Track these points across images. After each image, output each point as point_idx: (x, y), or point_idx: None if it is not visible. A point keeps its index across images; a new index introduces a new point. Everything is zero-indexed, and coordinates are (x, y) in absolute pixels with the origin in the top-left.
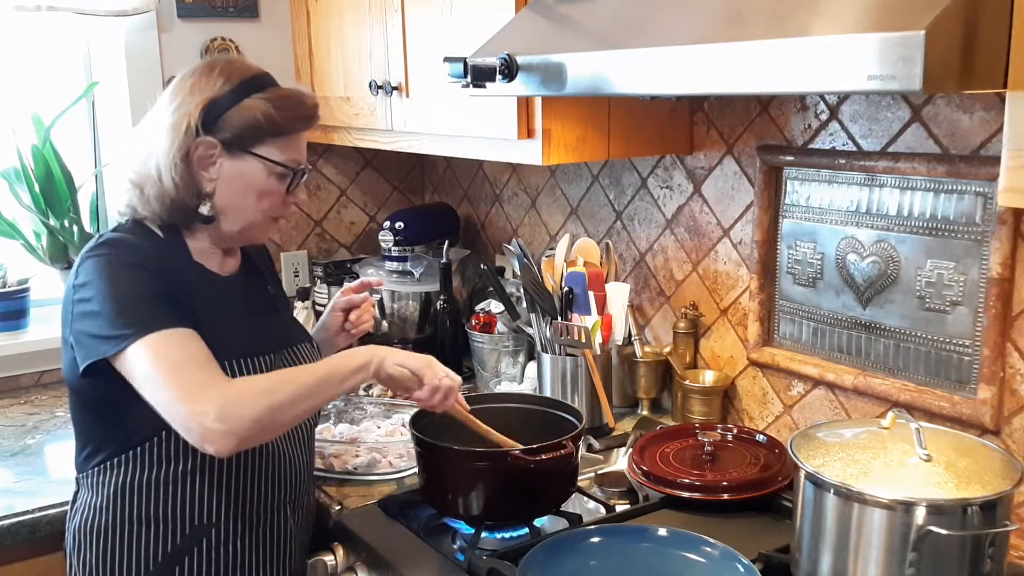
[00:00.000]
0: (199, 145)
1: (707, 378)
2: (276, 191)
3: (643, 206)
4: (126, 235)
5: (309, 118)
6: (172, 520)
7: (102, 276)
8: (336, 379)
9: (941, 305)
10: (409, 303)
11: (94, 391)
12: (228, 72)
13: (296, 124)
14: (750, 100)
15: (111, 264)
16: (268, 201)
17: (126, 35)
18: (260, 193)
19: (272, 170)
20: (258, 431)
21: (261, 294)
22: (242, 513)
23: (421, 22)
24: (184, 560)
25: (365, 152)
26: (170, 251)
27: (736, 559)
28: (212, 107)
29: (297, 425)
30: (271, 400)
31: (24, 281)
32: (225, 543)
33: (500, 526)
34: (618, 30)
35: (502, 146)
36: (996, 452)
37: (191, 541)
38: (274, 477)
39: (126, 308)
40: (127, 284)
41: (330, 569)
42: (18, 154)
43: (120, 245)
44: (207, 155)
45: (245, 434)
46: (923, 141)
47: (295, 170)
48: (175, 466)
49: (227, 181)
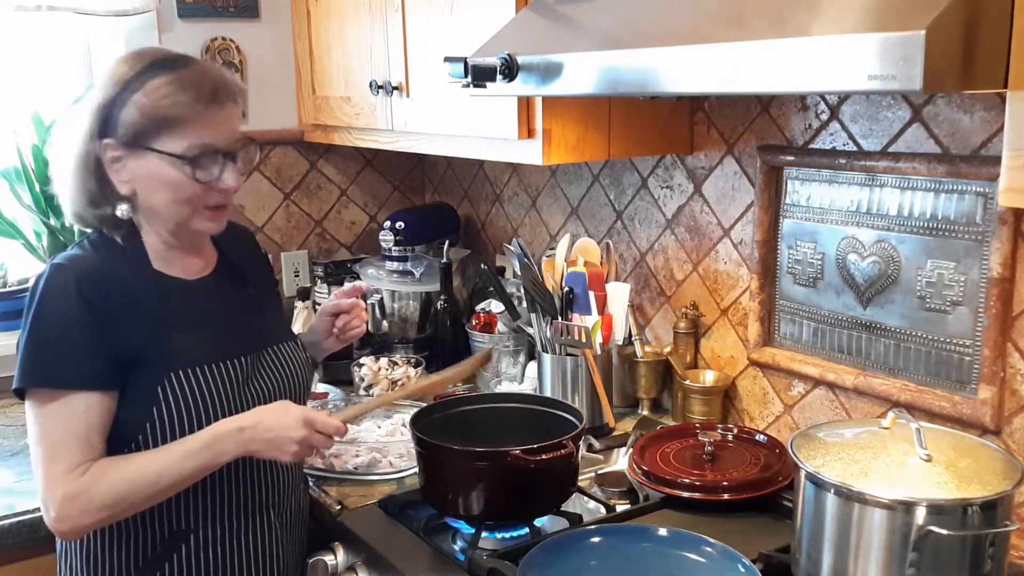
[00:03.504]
0: (105, 148)
1: (707, 378)
2: (186, 182)
3: (643, 206)
4: (87, 252)
5: (208, 95)
6: (151, 526)
7: (34, 307)
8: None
9: (941, 305)
10: (409, 303)
11: None
12: (118, 72)
13: (186, 109)
14: (751, 100)
15: (50, 293)
16: (186, 193)
17: (126, 35)
18: (171, 187)
19: (174, 163)
20: (102, 520)
21: (235, 296)
22: (221, 517)
23: (422, 22)
24: (164, 565)
25: (365, 152)
26: (129, 263)
27: (736, 559)
28: (104, 109)
29: None
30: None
31: (24, 281)
32: (205, 548)
33: (500, 526)
34: (618, 30)
35: (502, 146)
36: (996, 452)
37: (170, 546)
38: (255, 481)
39: (37, 352)
40: (52, 325)
41: (330, 569)
42: (18, 154)
43: (73, 270)
44: (114, 157)
45: (86, 527)
46: (923, 141)
47: (200, 157)
48: None
49: (140, 181)
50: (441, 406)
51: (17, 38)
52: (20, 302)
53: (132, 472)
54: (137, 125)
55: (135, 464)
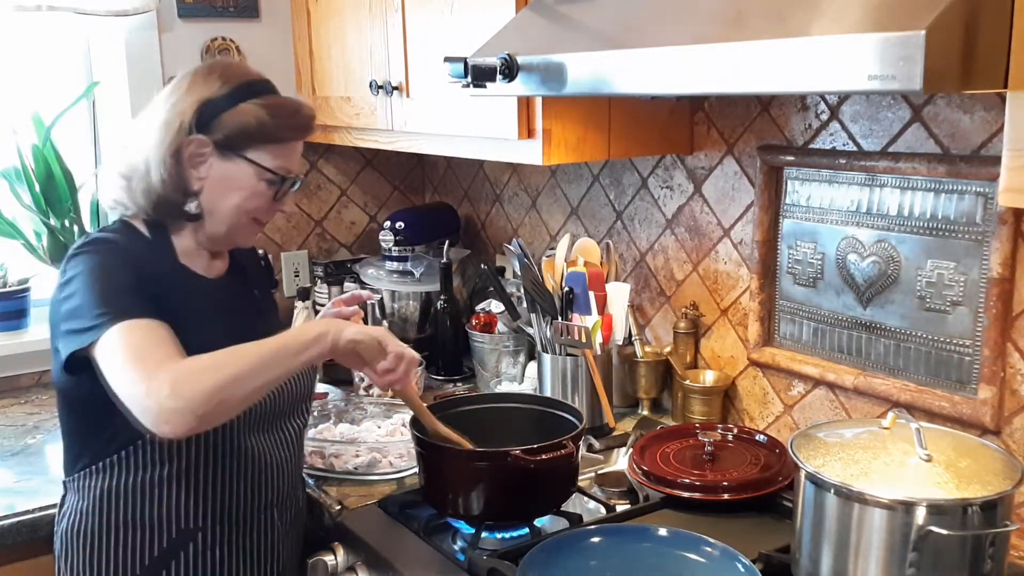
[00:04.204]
0: (191, 143)
1: (707, 378)
2: (263, 196)
3: (643, 206)
4: (112, 235)
5: (304, 128)
6: (158, 524)
7: (83, 271)
8: (291, 351)
9: (941, 305)
10: (409, 303)
11: (79, 391)
12: (227, 75)
13: (289, 133)
14: (750, 100)
15: (92, 259)
16: (254, 205)
17: (126, 35)
18: (247, 196)
19: (261, 175)
20: (214, 407)
21: (247, 298)
22: (228, 516)
23: (422, 22)
24: (171, 564)
25: (365, 152)
26: (155, 252)
27: (736, 559)
28: (207, 107)
29: (283, 427)
30: (225, 373)
31: (24, 281)
32: (212, 546)
33: (500, 526)
34: (618, 30)
35: (502, 146)
36: (996, 452)
37: (178, 545)
38: (259, 479)
39: (103, 299)
40: (106, 277)
41: (330, 569)
42: (18, 154)
43: (104, 244)
44: (198, 153)
45: (200, 410)
46: (923, 141)
47: (284, 178)
48: (159, 470)
49: (215, 181)
50: (441, 406)
51: (17, 38)
52: (20, 302)
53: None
54: (241, 131)
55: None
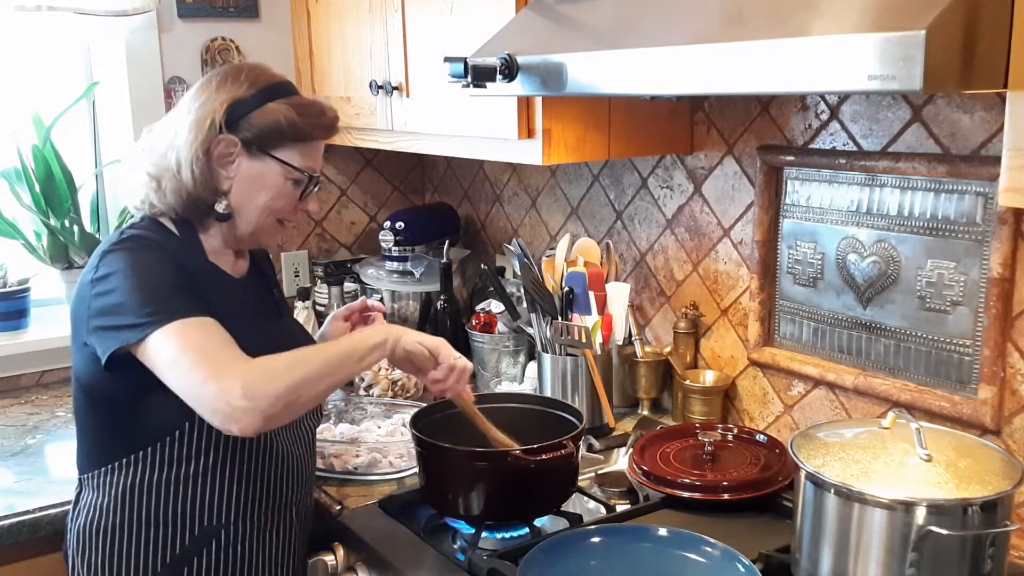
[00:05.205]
0: (220, 142)
1: (707, 378)
2: (290, 195)
3: (643, 206)
4: (145, 232)
5: (329, 127)
6: (182, 521)
7: (125, 267)
8: (355, 356)
9: (942, 305)
10: (409, 303)
11: (106, 388)
12: (254, 76)
13: (316, 132)
14: (750, 100)
15: (133, 256)
16: (280, 204)
17: (126, 35)
18: (274, 195)
19: (289, 174)
20: (282, 408)
21: (267, 297)
22: (252, 514)
23: (421, 22)
24: (193, 561)
25: (365, 152)
26: (186, 249)
27: (736, 559)
28: (236, 107)
29: (301, 425)
30: (294, 376)
31: (24, 281)
32: (234, 543)
33: (500, 526)
34: (618, 30)
35: (502, 146)
36: (996, 452)
37: (201, 542)
38: (282, 477)
39: (149, 296)
40: (150, 274)
41: (330, 569)
42: (18, 154)
43: (141, 240)
44: (227, 152)
45: (270, 411)
46: (923, 141)
47: (311, 176)
48: (187, 466)
49: (244, 180)
50: (441, 406)
51: (17, 38)
52: (21, 302)
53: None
54: (270, 130)
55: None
